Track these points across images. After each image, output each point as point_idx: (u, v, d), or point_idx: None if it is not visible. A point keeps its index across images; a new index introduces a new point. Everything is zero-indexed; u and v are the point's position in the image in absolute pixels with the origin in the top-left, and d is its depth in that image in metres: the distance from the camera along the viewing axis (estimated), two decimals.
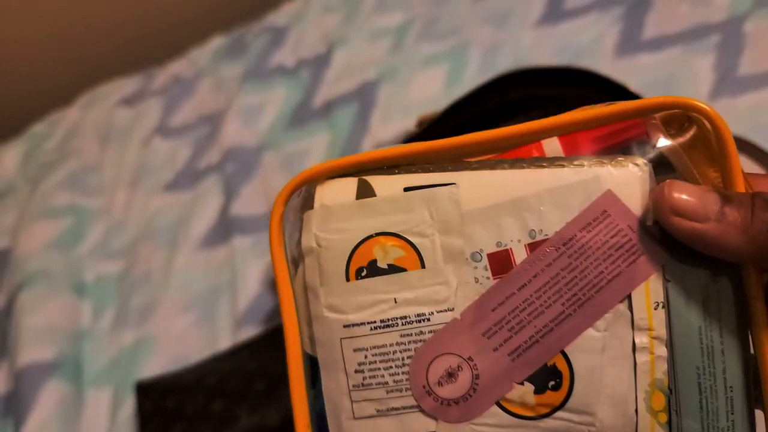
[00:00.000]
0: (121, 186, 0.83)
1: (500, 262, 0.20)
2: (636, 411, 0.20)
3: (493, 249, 0.20)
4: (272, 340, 0.53)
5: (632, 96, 0.44)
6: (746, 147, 0.52)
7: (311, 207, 0.22)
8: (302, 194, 0.22)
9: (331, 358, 0.21)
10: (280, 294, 0.22)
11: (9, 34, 1.06)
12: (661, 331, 0.20)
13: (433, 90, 0.76)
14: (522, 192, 0.20)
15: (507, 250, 0.20)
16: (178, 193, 0.79)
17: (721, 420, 0.19)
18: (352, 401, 0.21)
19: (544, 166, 0.20)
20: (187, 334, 0.64)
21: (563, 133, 0.20)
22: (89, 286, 0.72)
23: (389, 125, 0.74)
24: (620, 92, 0.44)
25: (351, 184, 0.21)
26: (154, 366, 0.62)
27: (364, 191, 0.21)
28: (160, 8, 1.11)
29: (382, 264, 0.21)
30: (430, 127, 0.49)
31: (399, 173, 0.21)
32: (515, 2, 0.81)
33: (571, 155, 0.20)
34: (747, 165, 0.53)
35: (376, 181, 0.21)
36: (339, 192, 0.21)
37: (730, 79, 0.61)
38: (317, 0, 0.98)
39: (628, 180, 0.20)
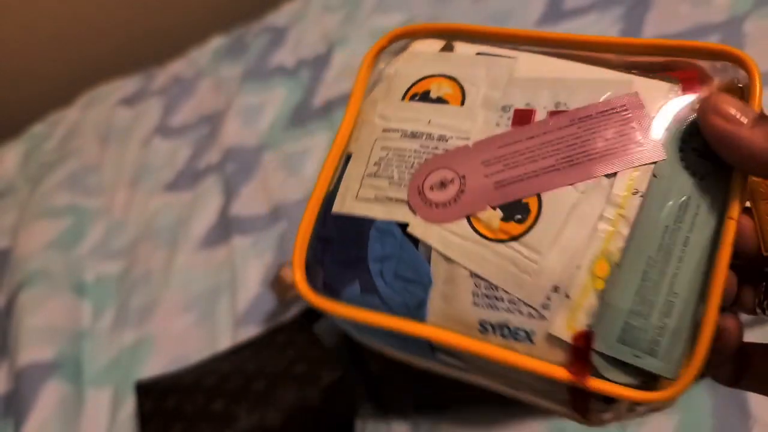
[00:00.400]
0: (121, 186, 0.83)
1: (523, 117, 0.23)
2: (578, 266, 0.21)
3: (522, 106, 0.24)
4: (272, 339, 0.54)
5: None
6: None
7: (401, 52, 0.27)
8: (401, 45, 0.27)
9: (362, 152, 0.25)
10: (350, 106, 0.26)
11: (9, 35, 1.06)
12: (630, 214, 0.21)
13: None
14: (564, 75, 0.24)
15: (532, 110, 0.23)
16: (178, 193, 0.79)
17: (653, 316, 0.20)
18: (360, 185, 0.25)
19: (600, 63, 0.24)
20: (186, 334, 0.64)
21: (620, 52, 0.24)
22: (89, 286, 0.72)
23: None
24: None
25: (439, 43, 0.26)
26: (154, 366, 0.62)
27: (447, 49, 0.26)
28: (159, 8, 1.11)
29: (433, 95, 0.25)
30: None
31: (479, 43, 0.26)
32: (515, 2, 0.81)
33: None
34: None
35: (459, 45, 0.26)
36: (427, 46, 0.26)
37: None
38: (317, 0, 0.98)
39: (656, 90, 0.22)
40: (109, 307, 0.69)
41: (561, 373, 0.20)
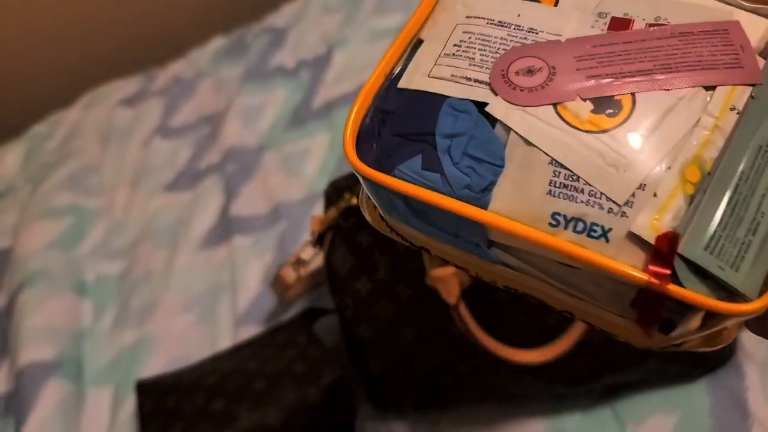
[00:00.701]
0: (122, 186, 0.83)
1: (620, 24, 0.23)
2: (669, 167, 0.20)
3: (620, 15, 0.23)
4: (272, 339, 0.54)
5: None
6: None
7: None
8: None
9: (438, 35, 0.24)
10: None
11: (10, 35, 1.06)
12: (727, 126, 0.21)
13: None
14: None
15: (630, 20, 0.23)
16: (178, 193, 0.79)
17: (740, 230, 0.19)
18: (435, 63, 0.23)
19: None
20: (187, 334, 0.64)
21: None
22: (90, 286, 0.72)
23: None
24: None
25: None
26: (155, 365, 0.62)
27: None
28: (160, 9, 1.12)
29: None
30: None
31: None
32: None
33: None
34: None
35: None
36: None
37: None
38: (317, 1, 0.98)
39: (757, 24, 0.22)
40: (110, 306, 0.69)
41: (639, 275, 0.18)
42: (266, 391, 0.49)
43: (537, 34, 0.23)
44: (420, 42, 0.24)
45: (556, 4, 0.23)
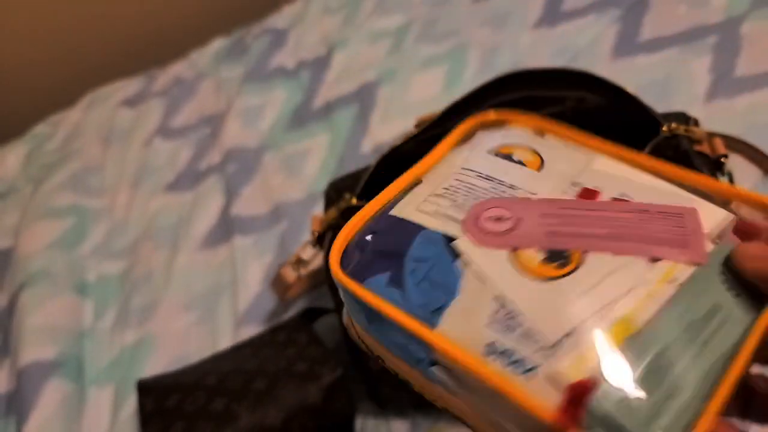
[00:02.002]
0: (123, 186, 0.83)
1: (588, 194, 0.26)
2: (600, 319, 0.22)
3: (590, 187, 0.26)
4: (273, 339, 0.54)
5: (630, 98, 0.44)
6: (743, 147, 0.52)
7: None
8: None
9: (435, 180, 0.28)
10: (437, 150, 0.30)
11: (11, 35, 1.06)
12: (662, 297, 0.22)
13: (433, 91, 0.76)
14: (639, 180, 0.27)
15: (598, 192, 0.26)
16: (179, 193, 0.79)
17: (655, 395, 0.20)
18: (424, 200, 0.27)
19: (672, 182, 0.27)
20: (187, 334, 0.64)
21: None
22: (91, 286, 0.72)
23: (389, 126, 0.75)
24: (617, 94, 0.45)
25: (532, 129, 0.30)
26: (155, 365, 0.63)
27: (539, 133, 0.30)
28: (161, 10, 1.12)
29: (515, 158, 0.28)
30: (429, 128, 0.49)
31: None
32: (514, 4, 0.82)
33: None
34: (742, 165, 0.53)
35: (550, 136, 0.30)
36: (521, 128, 0.30)
37: (727, 80, 0.62)
38: (317, 2, 0.98)
39: (713, 214, 0.25)
40: (111, 306, 0.70)
41: (549, 415, 0.19)
42: (266, 391, 0.49)
43: (515, 190, 0.27)
44: (419, 182, 0.28)
45: (540, 170, 0.27)
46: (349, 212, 0.50)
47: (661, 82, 0.65)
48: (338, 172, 0.73)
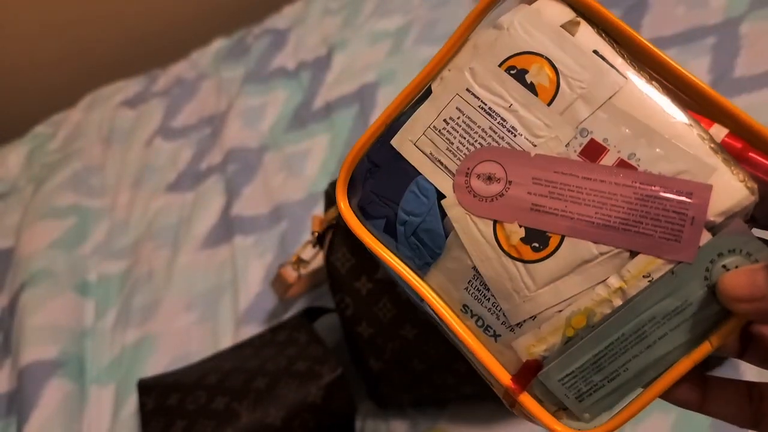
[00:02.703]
0: (124, 186, 0.83)
1: (592, 151, 0.23)
2: (560, 311, 0.23)
3: (598, 139, 0.23)
4: (273, 338, 0.54)
5: None
6: None
7: (531, 2, 0.26)
8: None
9: (439, 99, 0.26)
10: (454, 37, 0.26)
11: (12, 36, 1.06)
12: (631, 291, 0.22)
13: None
14: (659, 128, 0.22)
15: (605, 148, 0.23)
16: (180, 193, 0.80)
17: (596, 376, 0.23)
18: (423, 134, 0.26)
19: (699, 133, 0.22)
20: (188, 333, 0.64)
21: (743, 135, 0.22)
22: (92, 286, 0.72)
23: None
24: None
25: (567, 14, 0.25)
26: (156, 364, 0.63)
27: (570, 27, 0.24)
28: (162, 10, 1.12)
29: (528, 78, 0.24)
30: None
31: (604, 40, 0.24)
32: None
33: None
34: None
35: (583, 28, 0.24)
36: (555, 11, 0.25)
37: (726, 81, 0.62)
38: (317, 3, 0.98)
39: (731, 193, 0.22)
40: (112, 306, 0.70)
41: (503, 378, 0.24)
42: (267, 390, 0.49)
43: (515, 136, 0.24)
44: (429, 93, 0.26)
45: (551, 102, 0.24)
46: None
47: None
48: (338, 172, 0.73)
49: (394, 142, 0.26)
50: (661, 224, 0.22)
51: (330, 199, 0.53)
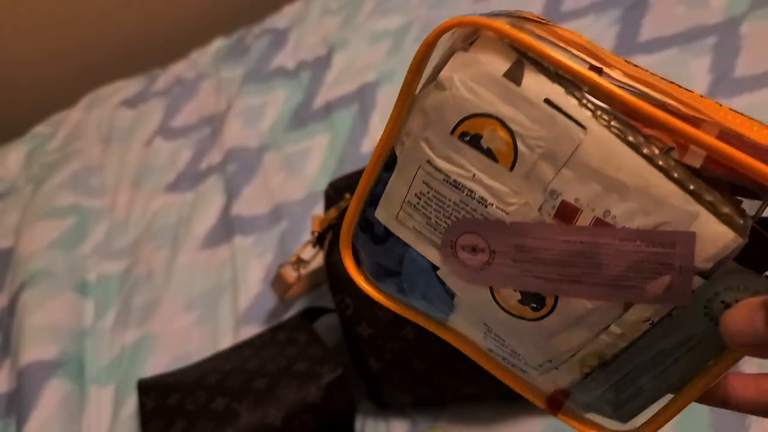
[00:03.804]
0: (123, 186, 0.83)
1: (566, 213, 0.22)
2: (572, 356, 0.24)
3: (570, 200, 0.22)
4: (273, 338, 0.54)
5: None
6: None
7: (468, 47, 0.23)
8: (470, 30, 0.23)
9: (405, 172, 0.24)
10: (402, 92, 0.24)
11: (12, 36, 1.06)
12: (634, 335, 0.22)
13: None
14: (629, 180, 0.21)
15: (578, 209, 0.22)
16: (179, 193, 0.80)
17: (620, 396, 0.24)
18: (401, 209, 0.25)
19: (673, 177, 0.21)
20: (188, 333, 0.64)
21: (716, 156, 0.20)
22: (91, 286, 0.72)
23: None
24: None
25: (508, 58, 0.22)
26: (156, 364, 0.63)
27: (514, 74, 0.22)
28: (161, 11, 1.12)
29: (484, 144, 0.22)
30: None
31: (553, 81, 0.21)
32: (513, 4, 0.82)
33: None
34: None
35: (529, 73, 0.22)
36: (494, 57, 0.22)
37: (727, 81, 0.62)
38: (317, 3, 0.98)
39: (716, 237, 0.20)
40: (111, 306, 0.70)
41: (539, 403, 0.26)
42: (267, 390, 0.49)
43: (486, 207, 0.23)
44: (395, 160, 0.25)
45: (513, 166, 0.22)
46: None
47: None
48: (338, 172, 0.73)
49: (378, 216, 0.26)
50: (649, 276, 0.21)
51: (330, 199, 0.53)
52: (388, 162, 0.25)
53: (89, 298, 0.71)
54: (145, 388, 0.52)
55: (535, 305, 0.23)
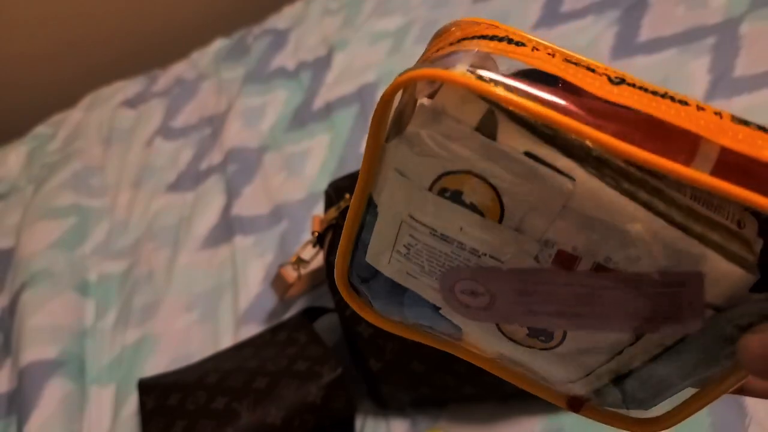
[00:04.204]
0: (124, 186, 0.83)
1: (564, 261, 0.20)
2: (588, 374, 0.24)
3: (567, 249, 0.20)
4: (273, 338, 0.54)
5: None
6: None
7: (433, 93, 0.20)
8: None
9: (388, 225, 0.23)
10: (369, 145, 0.21)
11: (12, 36, 1.06)
12: (647, 357, 0.22)
13: None
14: (628, 227, 0.19)
15: (577, 257, 0.20)
16: (180, 193, 0.80)
17: (642, 395, 0.24)
18: (391, 257, 0.23)
19: (675, 222, 0.19)
20: (188, 333, 0.64)
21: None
22: (92, 286, 0.72)
23: None
24: None
25: (478, 108, 0.20)
26: (157, 364, 0.63)
27: (487, 126, 0.20)
28: (162, 11, 1.12)
29: (466, 199, 0.21)
30: None
31: (530, 132, 0.19)
32: (513, 5, 0.82)
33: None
34: None
35: (504, 126, 0.19)
36: (463, 107, 0.20)
37: (726, 81, 0.62)
38: (317, 3, 0.98)
39: (725, 277, 0.19)
40: (112, 306, 0.70)
41: (561, 404, 0.26)
42: (267, 390, 0.49)
43: (479, 257, 0.21)
44: (374, 206, 0.23)
45: (501, 219, 0.20)
46: None
47: (660, 82, 0.65)
48: (338, 172, 0.73)
49: (369, 260, 0.24)
50: (659, 312, 0.20)
51: (330, 199, 0.53)
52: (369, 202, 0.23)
53: (90, 298, 0.71)
54: (146, 387, 0.52)
55: (543, 338, 0.23)
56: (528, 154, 0.19)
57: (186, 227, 0.74)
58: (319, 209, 0.70)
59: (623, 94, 0.19)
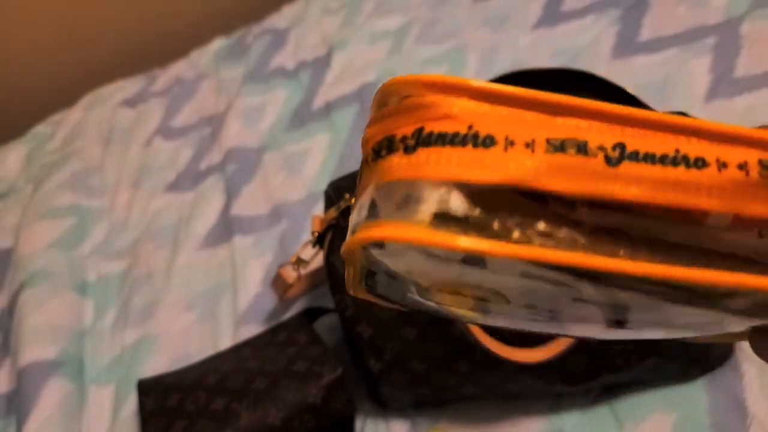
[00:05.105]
0: (123, 186, 0.83)
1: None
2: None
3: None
4: (273, 338, 0.54)
5: (629, 98, 0.44)
6: None
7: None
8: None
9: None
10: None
11: (11, 35, 1.06)
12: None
13: None
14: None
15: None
16: (179, 193, 0.80)
17: None
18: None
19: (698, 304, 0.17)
20: (188, 333, 0.64)
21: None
22: (91, 286, 0.72)
23: None
24: (617, 94, 0.45)
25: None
26: (156, 364, 0.63)
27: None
28: (161, 10, 1.12)
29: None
30: None
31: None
32: (513, 5, 0.82)
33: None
34: None
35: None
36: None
37: (727, 81, 0.62)
38: (317, 2, 0.98)
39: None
40: (111, 306, 0.70)
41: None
42: (267, 390, 0.49)
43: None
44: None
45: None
46: (349, 212, 0.50)
47: (661, 82, 0.65)
48: (338, 172, 0.73)
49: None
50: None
51: (330, 199, 0.53)
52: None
53: (89, 298, 0.71)
54: (145, 388, 0.52)
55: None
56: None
57: (185, 227, 0.74)
58: (318, 209, 0.70)
59: (628, 177, 0.15)
